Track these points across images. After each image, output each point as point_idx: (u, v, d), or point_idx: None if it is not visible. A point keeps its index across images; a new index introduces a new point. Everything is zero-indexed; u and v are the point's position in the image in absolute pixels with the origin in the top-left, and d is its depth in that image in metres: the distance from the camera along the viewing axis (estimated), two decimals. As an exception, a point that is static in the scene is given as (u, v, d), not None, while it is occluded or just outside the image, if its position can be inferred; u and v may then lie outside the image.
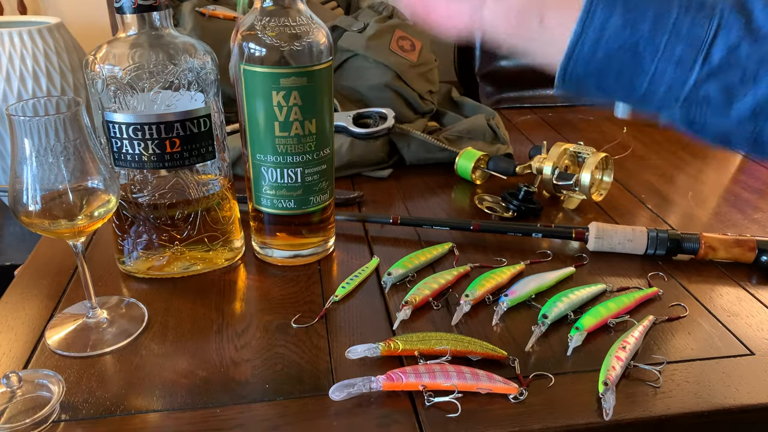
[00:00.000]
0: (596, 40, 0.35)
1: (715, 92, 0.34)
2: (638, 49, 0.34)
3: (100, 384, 0.47)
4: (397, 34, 0.95)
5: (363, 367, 0.49)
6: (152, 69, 0.54)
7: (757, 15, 0.33)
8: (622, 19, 0.34)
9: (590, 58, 0.35)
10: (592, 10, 0.34)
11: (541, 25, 0.36)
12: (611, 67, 0.35)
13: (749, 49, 0.33)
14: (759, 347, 0.51)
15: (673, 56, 0.34)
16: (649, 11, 0.34)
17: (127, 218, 0.59)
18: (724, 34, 0.33)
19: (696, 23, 0.33)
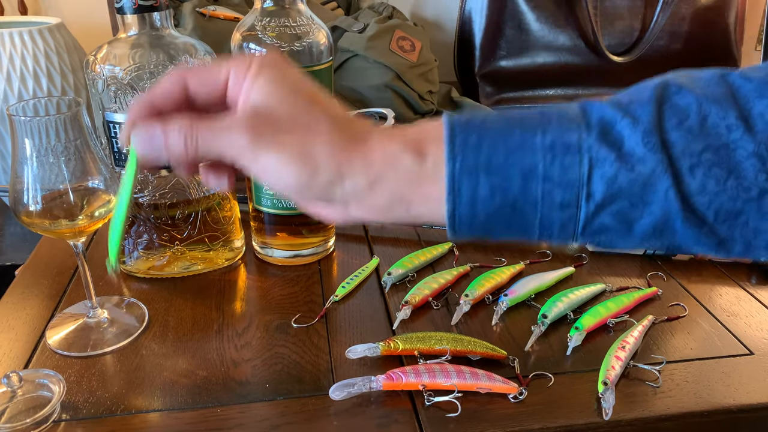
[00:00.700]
0: (471, 211, 0.33)
1: (611, 221, 0.33)
2: (517, 206, 0.33)
3: (100, 384, 0.48)
4: (397, 35, 0.95)
5: (363, 367, 0.49)
6: (153, 69, 0.54)
7: (627, 141, 0.32)
8: (489, 186, 0.33)
9: (471, 224, 0.34)
10: (456, 188, 0.33)
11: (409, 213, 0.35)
12: (496, 224, 0.34)
13: (629, 176, 0.32)
14: (758, 347, 0.51)
15: (555, 202, 0.33)
16: (514, 169, 0.32)
17: (128, 218, 0.59)
18: (598, 170, 0.32)
19: (566, 168, 0.32)
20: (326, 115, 0.34)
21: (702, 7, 1.14)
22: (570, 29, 1.12)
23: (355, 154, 0.34)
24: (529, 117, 0.34)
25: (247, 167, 0.33)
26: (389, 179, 0.34)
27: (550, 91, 1.17)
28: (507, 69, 1.14)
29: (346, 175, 0.34)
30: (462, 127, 0.33)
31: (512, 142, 0.33)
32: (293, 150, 0.33)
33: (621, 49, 1.15)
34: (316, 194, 0.34)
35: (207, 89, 0.35)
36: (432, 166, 0.33)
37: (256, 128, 0.33)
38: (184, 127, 0.33)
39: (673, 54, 1.16)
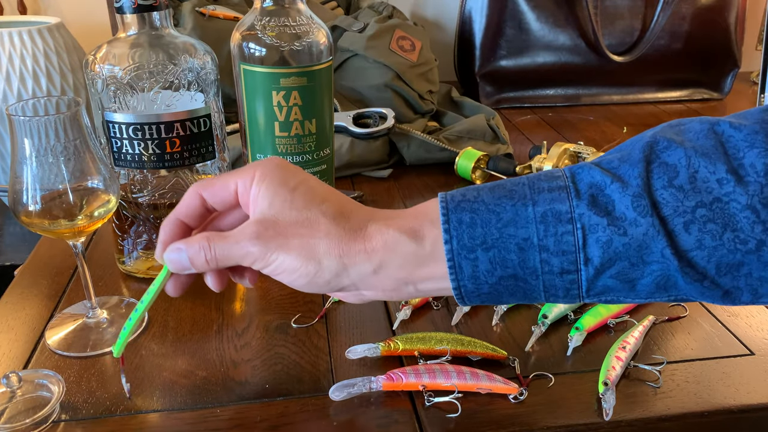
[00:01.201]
0: (475, 284, 0.35)
1: (613, 282, 0.34)
2: (518, 276, 0.35)
3: (100, 384, 0.47)
4: (397, 34, 0.95)
5: (363, 367, 0.49)
6: (152, 69, 0.54)
7: (618, 205, 0.33)
8: (488, 260, 0.34)
9: (478, 294, 0.36)
10: (456, 266, 0.35)
11: (418, 290, 0.38)
12: (502, 293, 0.36)
13: (622, 240, 0.33)
14: (759, 347, 0.51)
15: (554, 270, 0.34)
16: (510, 242, 0.34)
17: (127, 218, 0.59)
18: (592, 236, 0.33)
19: (560, 237, 0.33)
20: (324, 212, 0.38)
21: (702, 7, 1.14)
22: (570, 29, 1.12)
23: (354, 245, 0.37)
24: (519, 188, 0.35)
25: (264, 270, 0.38)
26: (392, 263, 0.36)
27: (550, 91, 1.17)
28: (507, 69, 1.14)
29: (350, 265, 0.37)
30: (455, 207, 0.36)
31: (505, 216, 0.34)
32: (298, 251, 0.37)
33: (621, 49, 1.15)
34: (327, 287, 0.38)
35: (221, 200, 0.40)
36: (430, 248, 0.36)
37: (263, 237, 0.37)
38: (204, 245, 0.38)
39: (673, 54, 1.16)
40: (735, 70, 1.20)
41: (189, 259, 0.39)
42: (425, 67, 0.96)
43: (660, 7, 1.11)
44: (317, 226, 0.37)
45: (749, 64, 1.35)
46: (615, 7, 1.12)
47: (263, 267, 0.38)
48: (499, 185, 0.36)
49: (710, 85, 1.21)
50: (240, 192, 0.39)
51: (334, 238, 0.37)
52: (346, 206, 0.39)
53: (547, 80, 1.16)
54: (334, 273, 0.37)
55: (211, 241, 0.38)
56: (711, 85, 1.21)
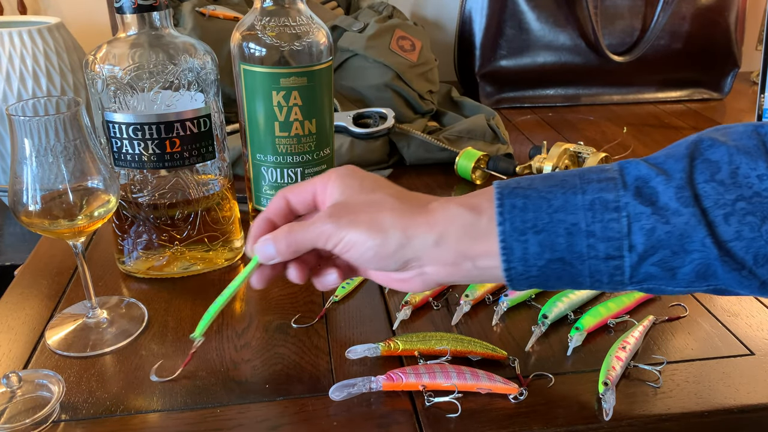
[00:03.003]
0: (524, 267, 0.37)
1: (655, 269, 0.36)
2: (565, 259, 0.37)
3: (100, 384, 0.47)
4: (397, 34, 0.95)
5: (363, 367, 0.49)
6: (152, 69, 0.54)
7: (662, 196, 0.35)
8: (537, 243, 0.37)
9: (526, 277, 0.38)
10: (508, 247, 0.37)
11: (477, 266, 0.39)
12: (549, 276, 0.38)
13: (665, 228, 0.35)
14: (759, 347, 0.51)
15: (600, 255, 0.36)
16: (559, 227, 0.36)
17: (127, 218, 0.59)
18: (636, 224, 0.35)
19: (606, 224, 0.36)
20: (389, 194, 0.41)
21: (702, 7, 1.14)
22: (570, 29, 1.12)
23: (418, 218, 0.40)
24: (570, 179, 0.38)
25: (336, 248, 0.41)
26: (451, 235, 0.39)
27: (550, 91, 1.17)
28: (507, 69, 1.14)
29: (413, 236, 0.39)
30: (509, 192, 0.38)
31: (556, 202, 0.37)
32: (366, 225, 0.40)
33: (621, 49, 1.15)
34: (393, 260, 0.40)
35: (302, 201, 0.44)
36: (487, 223, 0.38)
37: (335, 216, 0.40)
38: (285, 232, 0.42)
39: (673, 54, 1.16)
40: (735, 70, 1.20)
41: (275, 249, 0.42)
42: (425, 67, 0.97)
43: (660, 7, 1.11)
44: (383, 204, 0.40)
45: (749, 64, 1.35)
46: (615, 7, 1.12)
47: (336, 243, 0.40)
48: (551, 176, 0.39)
49: (710, 85, 1.21)
50: (318, 193, 0.44)
51: (398, 212, 0.40)
52: (409, 192, 0.43)
53: (547, 80, 1.16)
54: (398, 244, 0.39)
55: (293, 227, 0.42)
56: (711, 85, 1.21)
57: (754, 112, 1.05)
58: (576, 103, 1.18)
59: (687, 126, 1.07)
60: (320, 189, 0.43)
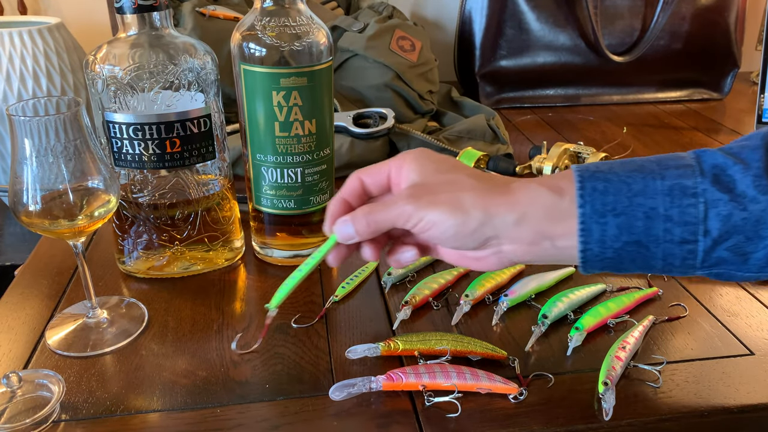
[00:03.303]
0: (601, 248, 0.39)
1: (727, 254, 0.37)
2: (641, 242, 0.38)
3: (100, 384, 0.47)
4: (397, 34, 0.95)
5: (363, 367, 0.49)
6: (152, 69, 0.54)
7: (739, 184, 0.37)
8: (616, 225, 0.38)
9: (602, 259, 0.39)
10: (587, 228, 0.38)
11: (555, 246, 0.40)
12: (623, 258, 0.39)
13: (742, 215, 0.36)
14: (759, 347, 0.51)
15: (675, 238, 0.37)
16: (638, 211, 0.37)
17: (128, 218, 0.59)
18: (713, 210, 0.37)
19: (684, 209, 0.37)
20: (468, 174, 0.42)
21: (702, 7, 1.14)
22: (570, 29, 1.12)
23: (499, 197, 0.40)
24: (648, 165, 0.39)
25: (416, 228, 0.41)
26: (533, 215, 0.40)
27: (550, 91, 1.17)
28: (507, 69, 1.14)
29: (494, 215, 0.40)
30: (590, 176, 0.39)
31: (635, 187, 0.38)
32: (446, 204, 0.40)
33: (621, 49, 1.15)
34: (472, 239, 0.41)
35: (376, 182, 0.45)
36: (569, 204, 0.39)
37: (415, 196, 0.41)
38: (365, 212, 0.43)
39: (673, 54, 1.16)
40: (735, 70, 1.20)
41: (354, 229, 0.43)
42: (425, 67, 0.97)
43: (660, 7, 1.11)
44: (463, 184, 0.41)
45: (749, 64, 1.35)
46: (615, 7, 1.12)
47: (416, 222, 0.41)
48: (629, 161, 0.40)
49: (710, 85, 1.21)
50: (392, 175, 0.45)
51: (479, 192, 0.40)
52: (486, 173, 0.44)
53: (547, 80, 1.16)
54: (479, 222, 0.40)
55: (372, 208, 0.43)
56: (711, 85, 1.21)
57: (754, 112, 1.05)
58: (576, 103, 1.18)
59: (687, 126, 1.07)
60: (395, 171, 0.44)
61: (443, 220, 0.40)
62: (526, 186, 0.41)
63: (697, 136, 1.03)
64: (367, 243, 0.45)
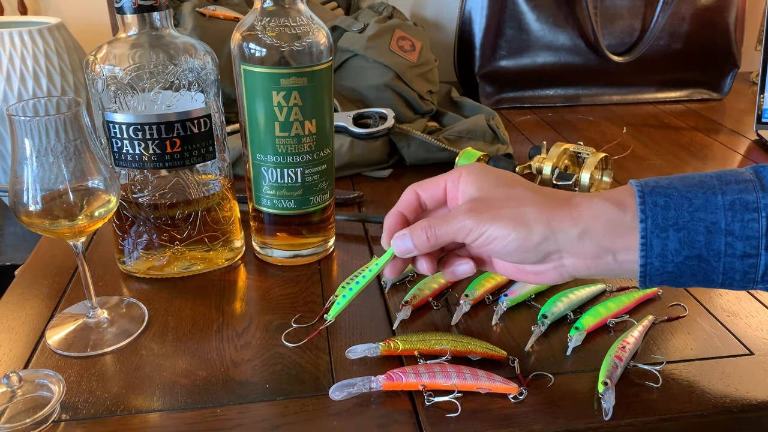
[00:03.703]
0: (661, 263, 0.39)
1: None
2: (702, 256, 0.38)
3: (100, 384, 0.48)
4: (397, 34, 0.95)
5: (363, 367, 0.49)
6: (152, 69, 0.54)
7: None
8: (678, 240, 0.38)
9: (662, 273, 0.39)
10: (648, 243, 0.39)
11: (617, 260, 0.40)
12: (683, 273, 0.39)
13: None
14: (758, 347, 0.51)
15: (736, 253, 0.38)
16: (699, 225, 0.38)
17: (128, 218, 0.59)
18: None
19: (746, 223, 0.37)
20: (528, 189, 0.43)
21: (702, 7, 1.14)
22: (570, 29, 1.12)
23: (562, 212, 0.41)
24: (708, 180, 0.39)
25: (476, 242, 0.42)
26: (596, 229, 0.40)
27: (550, 91, 1.18)
28: (507, 69, 1.14)
29: (557, 230, 0.40)
30: (650, 191, 0.39)
31: (696, 202, 0.38)
32: (509, 219, 0.41)
33: (621, 49, 1.15)
34: (534, 253, 0.41)
35: (432, 196, 0.46)
36: (631, 218, 0.39)
37: (476, 211, 0.41)
38: (425, 226, 0.43)
39: (673, 54, 1.16)
40: (735, 70, 1.20)
41: (412, 242, 0.44)
42: (425, 67, 0.97)
43: (660, 8, 1.11)
44: (524, 199, 0.42)
45: (749, 64, 1.35)
46: (615, 7, 1.12)
47: (476, 237, 0.41)
48: (689, 177, 0.40)
49: (710, 85, 1.21)
50: (449, 188, 0.45)
51: (541, 207, 0.41)
52: (546, 188, 0.44)
53: (546, 80, 1.16)
54: (542, 237, 0.40)
55: (432, 222, 0.43)
56: (711, 85, 1.21)
57: (754, 113, 1.05)
58: (576, 104, 1.18)
59: (687, 126, 1.07)
60: (451, 185, 0.45)
61: (505, 235, 0.40)
62: (589, 200, 0.41)
63: (697, 136, 1.03)
64: (423, 256, 0.45)
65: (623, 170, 0.88)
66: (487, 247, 0.42)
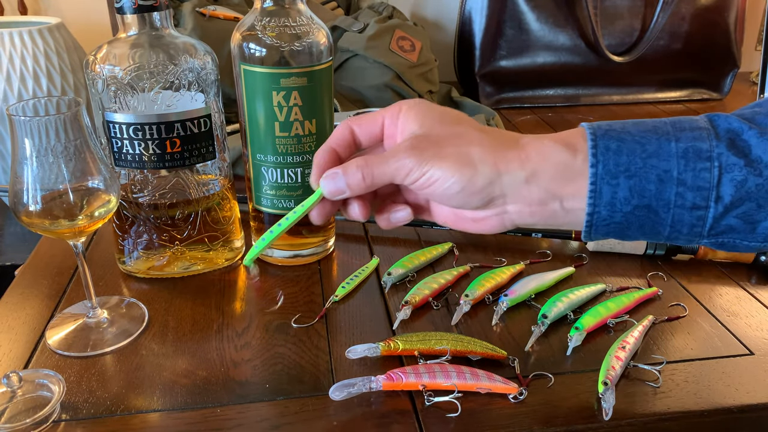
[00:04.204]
0: (610, 211, 0.37)
1: (736, 222, 0.36)
2: (651, 206, 0.36)
3: (100, 384, 0.48)
4: (397, 34, 0.95)
5: (363, 367, 0.49)
6: (152, 69, 0.54)
7: (755, 149, 0.35)
8: (628, 188, 0.36)
9: (608, 224, 0.37)
10: (597, 190, 0.36)
11: (563, 207, 0.38)
12: (630, 224, 0.37)
13: (756, 181, 0.35)
14: (758, 347, 0.51)
15: (686, 203, 0.36)
16: (651, 173, 0.36)
17: (128, 218, 0.59)
18: (728, 175, 0.35)
19: (698, 172, 0.35)
20: (475, 127, 0.39)
21: (702, 7, 1.14)
22: (570, 29, 1.12)
23: (509, 152, 0.38)
24: (662, 126, 0.37)
25: (416, 183, 0.38)
26: (545, 172, 0.37)
27: (550, 91, 1.17)
28: (507, 69, 1.14)
29: (504, 172, 0.37)
30: (602, 134, 0.37)
31: (650, 148, 0.36)
32: (453, 159, 0.37)
33: (621, 49, 1.15)
34: (478, 197, 0.38)
35: (368, 132, 0.42)
36: (582, 163, 0.37)
37: (418, 149, 0.38)
38: (360, 164, 0.39)
39: (673, 54, 1.16)
40: (735, 70, 1.20)
41: (345, 181, 0.39)
42: (425, 67, 0.97)
43: (660, 7, 1.11)
44: (470, 137, 0.38)
45: (749, 64, 1.35)
46: (615, 7, 1.12)
47: (417, 178, 0.38)
48: (642, 122, 0.38)
49: (710, 85, 1.21)
50: (386, 125, 0.41)
51: (488, 146, 0.38)
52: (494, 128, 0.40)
53: (546, 80, 1.16)
54: (488, 179, 0.37)
55: (368, 160, 0.39)
56: (711, 85, 1.21)
57: (754, 113, 1.04)
58: (576, 104, 1.18)
59: (687, 126, 1.07)
60: (389, 121, 0.41)
61: (448, 176, 0.37)
62: (538, 141, 0.38)
63: (697, 136, 1.02)
64: (356, 200, 0.41)
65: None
66: (427, 189, 0.38)
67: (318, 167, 0.41)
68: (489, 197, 0.38)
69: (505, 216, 0.40)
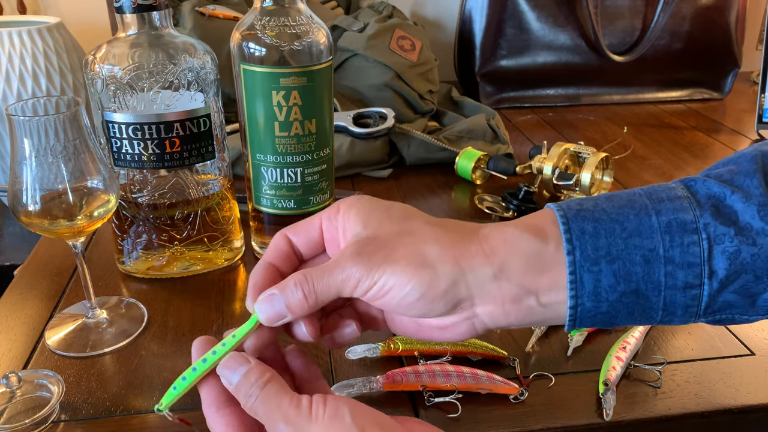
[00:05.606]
0: (594, 302, 0.32)
1: (734, 297, 0.32)
2: (640, 291, 0.32)
3: (99, 384, 0.47)
4: (397, 34, 0.95)
5: (363, 367, 0.49)
6: (152, 69, 0.54)
7: (742, 215, 0.32)
8: (611, 273, 0.32)
9: (594, 315, 0.33)
10: (578, 279, 0.32)
11: (540, 302, 0.33)
12: (618, 312, 0.33)
13: (751, 251, 0.31)
14: (759, 347, 0.51)
15: (677, 283, 0.32)
16: (635, 254, 0.32)
17: (127, 218, 0.59)
18: (718, 247, 0.32)
19: (686, 247, 0.32)
20: (427, 221, 0.35)
21: (702, 6, 1.14)
22: (570, 29, 1.12)
23: (471, 246, 0.33)
24: (637, 198, 0.33)
25: (369, 294, 0.33)
26: (514, 265, 0.33)
27: (550, 91, 1.17)
28: (507, 69, 1.13)
29: (468, 270, 0.33)
30: (574, 215, 0.33)
31: (629, 225, 0.32)
32: (407, 261, 0.32)
33: (622, 49, 1.15)
34: (442, 302, 0.33)
35: (306, 240, 0.37)
36: (554, 249, 0.32)
37: (365, 254, 0.33)
38: (299, 280, 0.33)
39: (673, 54, 1.16)
40: (735, 69, 1.20)
41: (284, 302, 0.34)
42: (425, 67, 0.96)
43: (660, 7, 1.11)
44: (423, 234, 0.34)
45: (749, 64, 1.35)
46: (615, 6, 1.12)
47: (368, 288, 0.33)
48: (615, 195, 0.34)
49: (710, 84, 1.21)
50: (325, 227, 0.36)
51: (445, 242, 0.33)
52: (449, 219, 0.36)
53: (547, 80, 1.16)
54: (450, 280, 0.32)
55: (308, 274, 0.34)
56: (711, 84, 1.21)
57: (755, 112, 1.04)
58: (576, 103, 1.18)
59: (687, 126, 1.07)
60: (327, 223, 0.36)
61: (404, 282, 0.32)
62: (501, 230, 0.34)
63: (698, 135, 1.02)
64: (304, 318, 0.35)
65: (624, 170, 0.88)
66: (382, 299, 0.33)
67: (254, 288, 0.35)
68: (454, 301, 0.33)
69: (475, 320, 0.34)
